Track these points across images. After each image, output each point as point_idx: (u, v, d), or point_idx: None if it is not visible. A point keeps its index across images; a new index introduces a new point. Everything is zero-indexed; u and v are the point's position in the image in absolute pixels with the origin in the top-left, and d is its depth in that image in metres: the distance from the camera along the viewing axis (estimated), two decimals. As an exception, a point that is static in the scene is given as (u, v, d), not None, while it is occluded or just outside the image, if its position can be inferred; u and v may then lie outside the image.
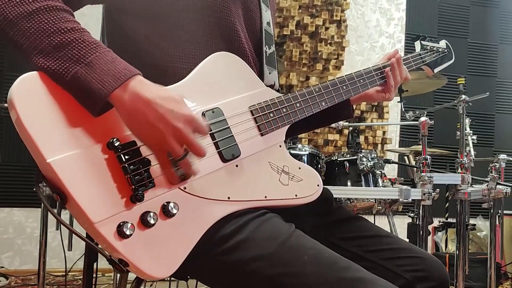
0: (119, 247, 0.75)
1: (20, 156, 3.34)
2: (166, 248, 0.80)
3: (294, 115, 1.04)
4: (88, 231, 0.77)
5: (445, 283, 1.04)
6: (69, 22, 0.80)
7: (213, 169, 0.89)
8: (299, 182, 1.01)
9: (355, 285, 0.80)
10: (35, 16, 0.78)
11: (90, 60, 0.78)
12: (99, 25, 1.98)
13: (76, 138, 0.77)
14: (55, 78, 0.78)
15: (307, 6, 3.79)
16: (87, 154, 0.77)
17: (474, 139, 2.62)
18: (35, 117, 0.75)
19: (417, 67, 1.36)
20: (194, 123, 0.80)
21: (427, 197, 1.88)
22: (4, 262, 3.34)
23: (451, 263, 2.63)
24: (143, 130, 0.79)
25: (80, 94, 0.77)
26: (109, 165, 0.79)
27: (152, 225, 0.79)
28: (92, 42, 0.80)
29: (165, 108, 0.78)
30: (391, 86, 1.25)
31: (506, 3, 4.26)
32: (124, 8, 0.97)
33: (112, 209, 0.76)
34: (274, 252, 0.84)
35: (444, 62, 1.45)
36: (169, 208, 0.81)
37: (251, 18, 1.09)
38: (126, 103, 0.78)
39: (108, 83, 0.77)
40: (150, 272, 0.78)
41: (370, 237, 1.07)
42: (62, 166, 0.74)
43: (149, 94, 0.78)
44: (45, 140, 0.75)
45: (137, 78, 0.80)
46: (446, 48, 1.45)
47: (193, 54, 0.97)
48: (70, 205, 0.75)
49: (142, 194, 0.79)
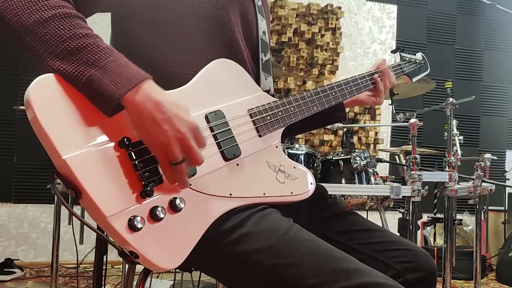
0: (130, 240, 0.75)
1: (34, 156, 3.35)
2: (174, 241, 0.80)
3: (289, 118, 1.05)
4: (101, 225, 0.76)
5: (433, 274, 1.04)
6: (83, 29, 0.81)
7: (216, 168, 0.90)
8: (294, 180, 1.02)
9: (350, 275, 0.80)
10: (51, 23, 0.78)
11: (104, 64, 0.78)
12: (108, 32, 1.97)
13: (89, 136, 0.77)
14: (71, 80, 0.77)
15: (304, 15, 3.80)
16: (100, 152, 0.77)
17: (460, 139, 2.62)
18: (51, 116, 0.75)
19: (397, 76, 1.38)
20: (196, 132, 0.80)
21: (417, 194, 1.88)
22: (19, 255, 3.34)
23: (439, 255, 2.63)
24: (149, 130, 0.78)
25: (94, 95, 0.77)
26: (120, 162, 0.79)
27: (161, 219, 0.79)
28: (105, 47, 0.80)
29: (173, 112, 0.78)
30: (381, 90, 1.29)
31: (491, 11, 4.26)
32: (130, 15, 0.97)
33: (123, 204, 0.76)
34: (274, 244, 0.84)
35: (421, 72, 1.48)
36: (177, 203, 0.81)
37: (249, 27, 1.09)
38: (137, 104, 0.78)
39: (121, 85, 0.77)
40: (159, 263, 0.78)
41: (363, 231, 1.08)
42: (77, 162, 0.74)
43: (160, 97, 0.79)
44: (60, 138, 0.74)
45: (149, 82, 0.80)
46: (422, 60, 1.49)
47: (196, 61, 0.98)
48: (84, 200, 0.75)
49: (151, 190, 0.79)
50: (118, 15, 1.01)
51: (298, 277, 0.81)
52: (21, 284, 2.68)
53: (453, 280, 3.00)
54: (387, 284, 0.81)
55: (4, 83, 3.35)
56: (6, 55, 3.32)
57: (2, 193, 3.37)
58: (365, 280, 0.80)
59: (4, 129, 3.35)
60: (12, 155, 3.38)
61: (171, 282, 2.58)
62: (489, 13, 4.31)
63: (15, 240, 3.38)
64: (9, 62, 3.35)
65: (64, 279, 2.96)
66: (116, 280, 2.88)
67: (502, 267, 3.36)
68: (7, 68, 3.37)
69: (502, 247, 3.50)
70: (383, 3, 4.18)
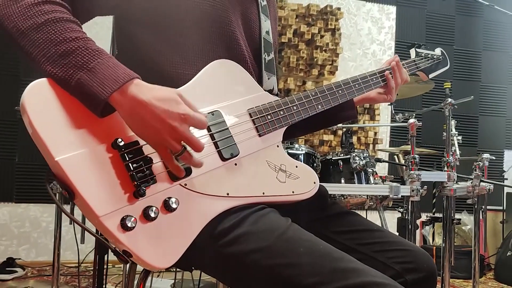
0: (123, 239, 0.75)
1: (35, 156, 3.34)
2: (167, 240, 0.79)
3: (291, 117, 1.03)
4: (94, 224, 0.77)
5: (433, 274, 1.03)
6: (75, 32, 0.81)
7: (213, 167, 0.89)
8: (296, 179, 1.00)
9: (348, 274, 0.79)
10: (44, 27, 0.79)
11: (93, 66, 0.78)
12: (109, 34, 1.98)
13: (82, 138, 0.78)
14: (62, 84, 0.78)
15: (304, 16, 3.79)
16: (93, 153, 0.77)
17: (459, 139, 2.61)
18: (45, 120, 0.76)
19: (411, 72, 1.35)
20: (190, 120, 0.79)
21: (416, 193, 1.87)
22: (21, 254, 3.33)
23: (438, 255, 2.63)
24: (142, 130, 0.79)
25: (84, 98, 0.78)
26: (113, 163, 0.79)
27: (154, 219, 0.78)
28: (94, 49, 0.80)
29: (161, 108, 0.77)
30: (392, 87, 1.27)
31: (489, 12, 4.25)
32: (131, 18, 0.97)
33: (116, 204, 0.76)
34: (272, 244, 0.83)
35: (439, 68, 1.44)
36: (170, 203, 0.80)
37: (250, 27, 1.09)
38: (125, 105, 0.78)
39: (108, 86, 0.77)
40: (152, 262, 0.77)
41: (362, 231, 1.07)
42: (70, 164, 0.75)
43: (145, 96, 0.78)
44: (53, 140, 0.75)
45: (135, 81, 0.80)
46: (441, 55, 1.44)
47: (195, 61, 0.97)
48: (78, 200, 0.75)
49: (144, 190, 0.79)
50: (119, 18, 1.01)
51: (296, 276, 0.80)
52: (23, 283, 2.67)
53: (451, 279, 2.99)
54: (385, 283, 0.80)
55: (6, 84, 3.35)
56: (7, 57, 3.33)
57: (3, 192, 3.36)
58: (363, 280, 0.79)
59: (5, 130, 3.35)
60: (14, 155, 3.38)
61: (172, 281, 2.58)
62: (487, 14, 4.30)
63: (17, 239, 3.37)
64: (10, 63, 3.36)
65: (66, 278, 2.96)
66: (117, 279, 2.88)
67: (501, 266, 3.35)
68: (9, 70, 3.37)
69: (500, 246, 3.49)
70: (382, 4, 4.17)
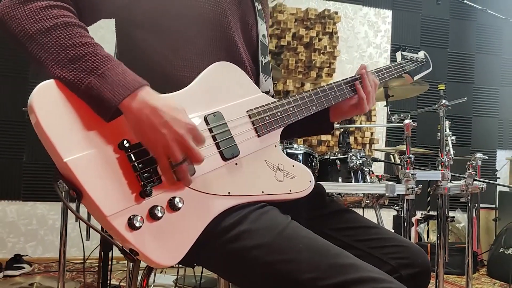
0: (130, 238, 0.75)
1: (42, 155, 3.33)
2: (173, 239, 0.79)
3: (288, 118, 1.03)
4: (102, 224, 0.76)
5: (427, 270, 1.03)
6: (84, 37, 0.81)
7: (215, 167, 0.89)
8: (293, 178, 1.00)
9: (346, 270, 0.79)
10: (53, 32, 0.79)
11: (103, 72, 0.78)
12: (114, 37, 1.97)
13: (90, 139, 0.77)
14: (71, 87, 0.78)
15: (302, 19, 3.79)
16: (100, 154, 0.77)
17: (453, 139, 2.61)
18: (53, 120, 0.75)
19: (398, 74, 1.35)
20: (194, 131, 0.80)
21: (411, 192, 1.87)
22: (28, 251, 3.33)
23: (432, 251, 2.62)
24: (148, 134, 0.78)
25: (93, 102, 0.77)
26: (120, 164, 0.78)
27: (160, 218, 0.78)
28: (104, 55, 0.80)
29: (170, 115, 0.78)
30: (362, 98, 1.17)
31: (482, 16, 4.25)
32: (132, 21, 0.97)
33: (123, 204, 0.76)
34: (272, 241, 0.83)
35: (422, 70, 1.44)
36: (175, 203, 0.80)
37: (249, 31, 1.09)
38: (134, 110, 0.78)
39: (118, 92, 0.77)
40: (158, 260, 0.77)
41: (359, 228, 1.07)
42: (78, 165, 0.74)
43: (156, 102, 0.78)
44: (61, 141, 0.75)
45: (145, 88, 0.80)
46: (424, 58, 1.45)
47: (196, 64, 0.97)
48: (85, 201, 0.75)
49: (150, 190, 0.79)
50: (121, 21, 1.01)
51: (296, 272, 0.80)
52: (30, 279, 2.67)
53: (445, 275, 2.99)
54: (382, 279, 0.80)
55: (14, 86, 3.35)
56: (15, 59, 3.32)
57: (11, 191, 3.36)
58: (361, 275, 0.79)
59: (14, 130, 3.35)
60: (21, 154, 3.38)
61: (174, 277, 2.57)
62: (480, 17, 4.30)
63: (24, 236, 3.37)
64: (19, 65, 3.35)
65: (71, 274, 2.96)
66: (122, 275, 2.87)
67: (493, 262, 3.35)
68: (17, 72, 3.37)
69: (493, 243, 3.49)
70: (378, 8, 4.17)
